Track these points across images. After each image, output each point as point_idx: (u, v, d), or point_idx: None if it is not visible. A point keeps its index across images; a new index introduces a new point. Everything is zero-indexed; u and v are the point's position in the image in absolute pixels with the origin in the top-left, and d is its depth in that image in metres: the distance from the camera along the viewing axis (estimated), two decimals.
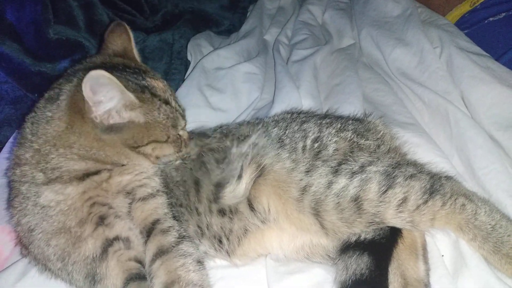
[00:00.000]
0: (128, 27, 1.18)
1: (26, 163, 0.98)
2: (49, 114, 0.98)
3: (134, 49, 1.17)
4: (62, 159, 0.96)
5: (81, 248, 0.94)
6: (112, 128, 0.96)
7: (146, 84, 1.02)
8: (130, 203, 1.01)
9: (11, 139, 1.50)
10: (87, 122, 0.95)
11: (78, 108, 0.94)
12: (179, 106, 1.11)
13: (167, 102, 1.04)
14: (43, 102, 1.02)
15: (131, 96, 0.94)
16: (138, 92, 0.98)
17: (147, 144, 1.01)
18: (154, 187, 1.05)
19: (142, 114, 0.98)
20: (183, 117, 1.11)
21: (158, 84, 1.05)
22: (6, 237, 1.20)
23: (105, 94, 0.91)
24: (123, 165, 1.02)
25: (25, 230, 0.98)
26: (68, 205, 0.95)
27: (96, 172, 0.99)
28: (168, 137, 1.05)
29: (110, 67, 1.03)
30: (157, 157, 1.06)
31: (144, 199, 1.02)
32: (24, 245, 1.02)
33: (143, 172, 1.06)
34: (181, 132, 1.11)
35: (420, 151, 1.26)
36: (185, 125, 1.13)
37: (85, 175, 0.98)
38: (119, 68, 1.04)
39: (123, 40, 1.16)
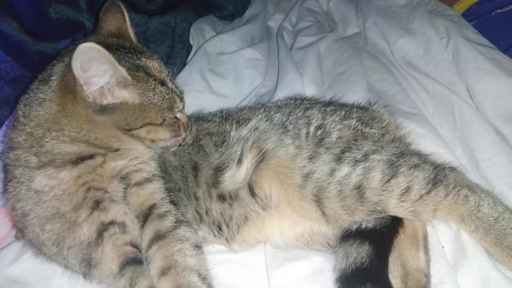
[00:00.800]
0: (122, 6, 1.14)
1: (19, 146, 0.96)
2: (41, 95, 0.96)
3: (129, 28, 1.14)
4: (54, 142, 0.94)
5: (76, 233, 0.93)
6: (105, 109, 0.94)
7: (141, 64, 0.99)
8: (125, 188, 1.00)
9: (6, 121, 1.48)
10: (79, 103, 0.93)
11: (70, 88, 0.92)
12: (176, 87, 1.07)
13: (163, 83, 1.01)
14: (36, 84, 1.00)
15: (123, 72, 0.91)
16: (132, 70, 0.95)
17: (141, 127, 0.98)
18: (149, 172, 1.03)
19: (135, 93, 0.95)
20: (181, 99, 1.08)
21: (154, 64, 1.02)
22: (3, 218, 1.18)
23: (96, 69, 0.88)
24: (116, 150, 1.00)
25: (19, 215, 0.97)
26: (63, 190, 0.94)
27: (90, 157, 0.97)
28: (164, 120, 1.02)
29: (104, 47, 0.99)
30: (152, 141, 1.04)
31: (139, 184, 1.01)
32: (19, 229, 1.01)
33: (138, 157, 1.03)
34: (178, 115, 1.08)
35: (424, 141, 1.25)
36: (183, 108, 1.10)
37: (79, 159, 0.96)
38: (113, 47, 1.00)
39: (118, 20, 1.13)
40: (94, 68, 0.88)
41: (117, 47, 1.01)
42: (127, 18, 1.14)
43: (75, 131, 0.94)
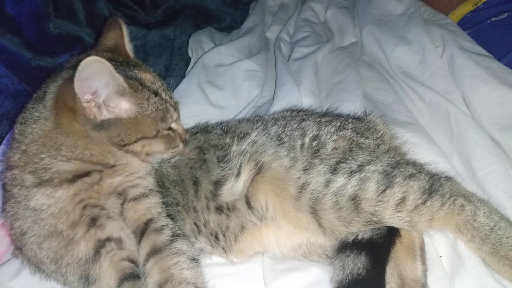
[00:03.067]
0: (122, 22, 1.16)
1: (15, 165, 0.97)
2: (36, 114, 0.97)
3: (126, 43, 1.16)
4: (52, 160, 0.95)
5: (74, 251, 0.94)
6: (102, 125, 0.94)
7: (134, 75, 1.00)
8: (122, 204, 1.00)
9: (4, 141, 1.48)
10: (78, 120, 0.93)
11: (68, 106, 0.93)
12: (170, 98, 1.08)
13: (156, 93, 1.02)
14: (32, 103, 1.01)
15: (120, 79, 0.92)
16: (127, 79, 0.96)
17: (135, 141, 0.99)
18: (146, 187, 1.03)
19: (132, 103, 0.96)
20: (175, 109, 1.09)
21: (146, 76, 1.03)
22: (3, 232, 1.19)
23: (99, 82, 0.89)
24: (112, 166, 1.01)
25: (17, 234, 0.98)
26: (59, 208, 0.94)
27: (86, 174, 0.98)
28: (158, 132, 1.02)
29: None
30: (148, 154, 1.04)
31: (136, 199, 1.01)
32: (17, 248, 1.02)
33: (134, 172, 1.04)
34: (174, 126, 1.08)
35: (420, 151, 1.25)
36: (177, 118, 1.10)
37: (75, 177, 0.96)
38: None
39: (116, 35, 1.15)
40: (97, 81, 0.88)
41: (109, 60, 1.00)
42: (125, 33, 1.16)
43: (71, 149, 0.95)
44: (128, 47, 1.16)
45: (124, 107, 0.96)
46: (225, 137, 1.17)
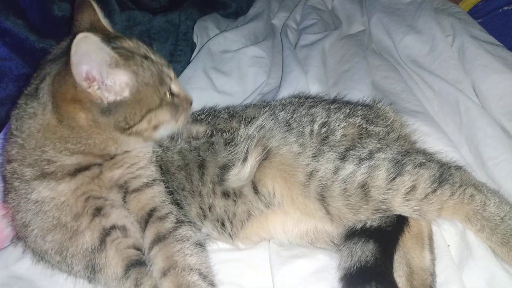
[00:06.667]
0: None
1: (14, 159, 0.95)
2: (31, 110, 0.93)
3: (101, 19, 1.09)
4: (57, 154, 0.93)
5: (79, 241, 0.93)
6: (110, 109, 0.91)
7: (118, 46, 0.96)
8: (124, 197, 0.99)
9: (1, 135, 1.46)
10: (85, 108, 0.90)
11: (69, 99, 0.90)
12: (160, 58, 1.03)
13: (146, 57, 0.98)
14: (24, 99, 0.98)
15: (109, 50, 0.87)
16: (113, 49, 0.91)
17: (141, 120, 0.95)
18: (149, 176, 1.02)
19: (128, 72, 0.92)
20: (168, 67, 1.04)
21: (129, 44, 0.99)
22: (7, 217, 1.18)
23: (90, 57, 0.85)
24: (111, 158, 0.98)
25: (20, 225, 0.97)
26: (62, 201, 0.93)
27: (87, 168, 0.96)
28: (161, 100, 0.98)
29: None
30: (155, 128, 0.99)
31: (138, 189, 0.99)
32: (20, 238, 1.01)
33: (134, 163, 1.01)
34: (174, 88, 1.04)
35: (429, 140, 1.24)
36: (174, 77, 1.05)
37: (77, 171, 0.95)
38: None
39: (89, 14, 1.09)
40: (89, 57, 0.85)
41: None
42: (97, 9, 1.10)
43: (72, 142, 0.92)
44: (104, 21, 1.10)
45: (122, 79, 0.91)
46: (232, 121, 1.16)
